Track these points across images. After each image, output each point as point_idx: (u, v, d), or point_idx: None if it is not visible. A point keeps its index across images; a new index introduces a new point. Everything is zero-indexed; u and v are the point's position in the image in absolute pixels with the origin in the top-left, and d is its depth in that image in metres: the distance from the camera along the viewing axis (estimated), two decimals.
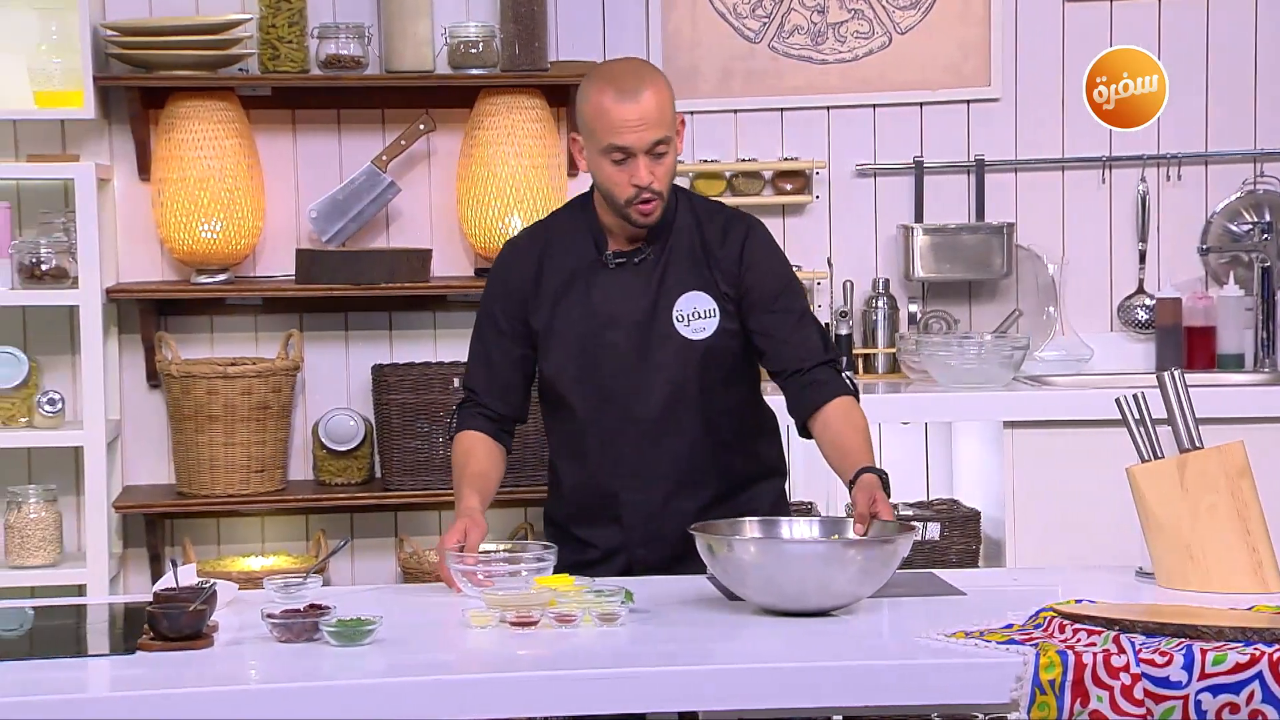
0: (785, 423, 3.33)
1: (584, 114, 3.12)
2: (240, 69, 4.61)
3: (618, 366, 3.18)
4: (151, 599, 2.69)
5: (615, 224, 3.19)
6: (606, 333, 3.18)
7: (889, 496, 2.95)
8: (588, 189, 3.28)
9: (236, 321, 4.77)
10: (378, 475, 4.71)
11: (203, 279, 4.61)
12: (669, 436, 3.19)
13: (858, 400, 3.19)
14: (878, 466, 3.00)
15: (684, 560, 3.09)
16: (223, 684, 2.46)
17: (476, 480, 3.20)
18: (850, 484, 2.99)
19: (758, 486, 3.29)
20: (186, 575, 2.80)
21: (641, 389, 3.18)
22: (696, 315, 3.18)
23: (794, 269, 3.33)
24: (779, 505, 3.33)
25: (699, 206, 3.26)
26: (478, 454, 3.25)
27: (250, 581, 3.87)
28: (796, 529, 2.99)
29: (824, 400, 3.14)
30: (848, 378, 3.21)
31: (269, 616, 2.66)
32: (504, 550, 3.12)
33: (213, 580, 2.77)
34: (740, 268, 3.19)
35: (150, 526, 4.61)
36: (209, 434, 4.51)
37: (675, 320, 3.17)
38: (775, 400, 3.34)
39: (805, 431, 3.20)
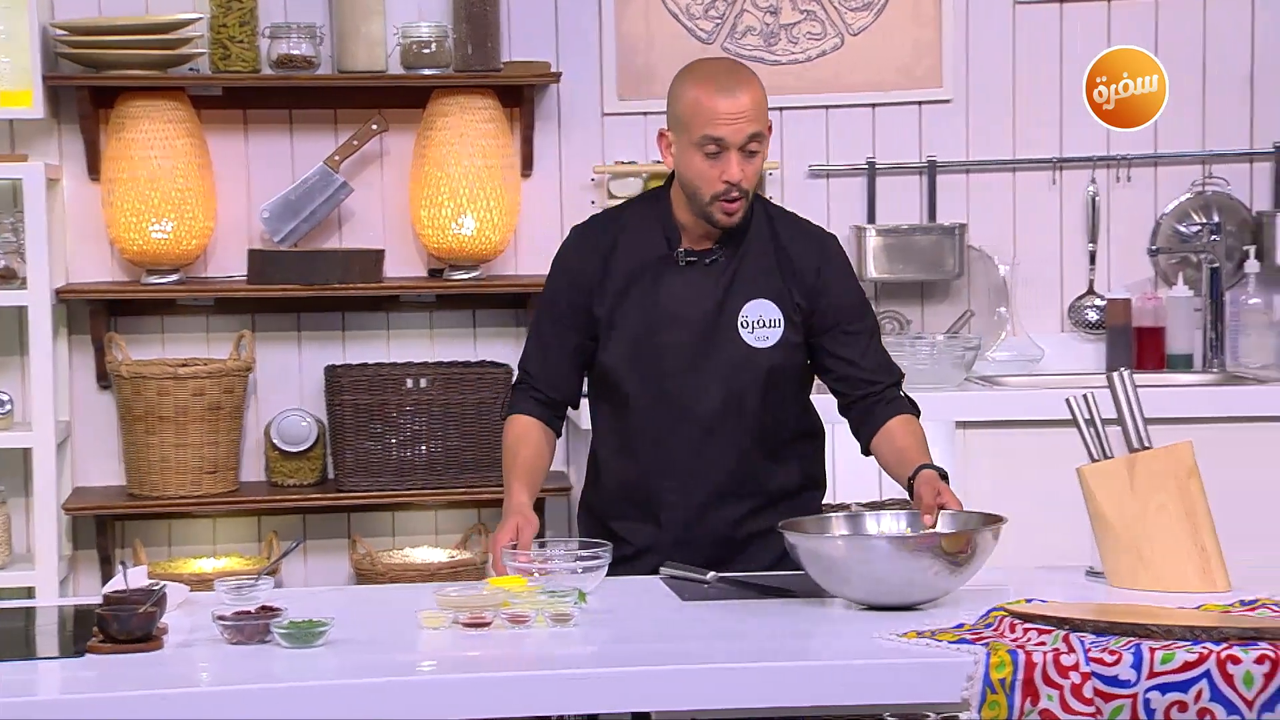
0: (829, 432, 3.38)
1: (679, 107, 3.09)
2: (191, 69, 4.59)
3: (677, 366, 3.16)
4: (101, 601, 2.67)
5: (691, 222, 3.16)
6: (669, 330, 3.16)
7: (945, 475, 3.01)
8: (663, 184, 3.25)
9: (188, 322, 4.74)
10: (331, 476, 4.70)
11: (153, 279, 4.59)
12: (719, 442, 3.17)
13: (918, 416, 3.22)
14: (935, 464, 3.05)
15: (723, 566, 3.09)
16: (173, 686, 2.44)
17: (525, 473, 3.17)
18: (910, 482, 3.02)
19: (799, 498, 3.26)
20: (137, 577, 2.78)
21: (698, 391, 3.16)
22: (762, 324, 3.16)
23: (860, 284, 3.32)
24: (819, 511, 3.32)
25: (776, 215, 3.25)
26: (529, 441, 3.22)
27: (202, 583, 3.85)
28: (885, 524, 3.02)
29: (889, 417, 3.17)
30: (907, 395, 3.24)
31: (220, 618, 2.65)
32: (561, 548, 3.06)
33: (163, 582, 2.76)
34: (818, 282, 3.18)
35: (100, 528, 4.58)
36: (160, 435, 4.49)
37: (740, 326, 3.15)
38: (818, 403, 3.35)
39: (867, 450, 3.24)
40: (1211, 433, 4.14)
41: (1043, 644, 2.50)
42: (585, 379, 3.30)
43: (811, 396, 3.33)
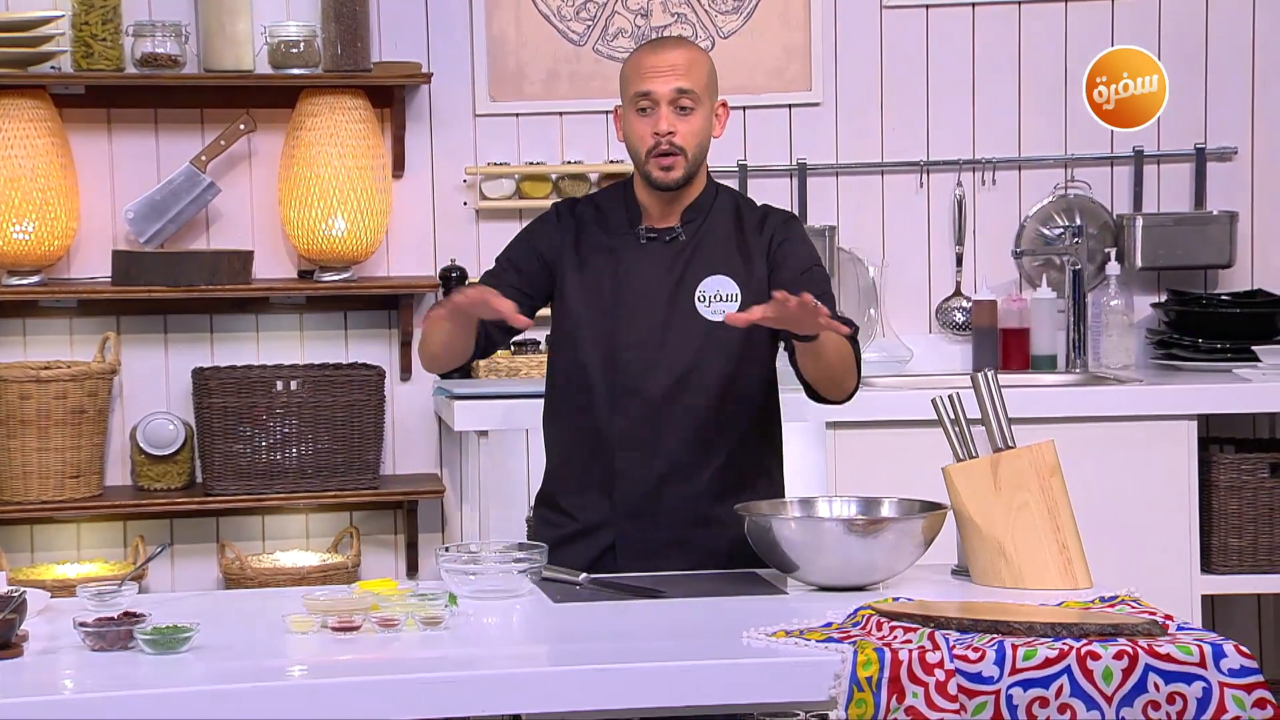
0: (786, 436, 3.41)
1: (622, 75, 3.23)
2: (52, 67, 4.51)
3: (634, 338, 3.22)
4: None
5: (651, 200, 3.26)
6: (628, 305, 3.23)
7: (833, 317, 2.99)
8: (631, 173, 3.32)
9: (50, 324, 4.66)
10: (199, 480, 4.64)
11: (14, 280, 4.51)
12: (675, 415, 3.21)
13: (857, 362, 3.20)
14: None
15: (680, 547, 3.15)
16: (33, 694, 2.40)
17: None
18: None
19: (758, 480, 3.28)
20: None
21: (654, 363, 3.21)
22: (719, 298, 3.22)
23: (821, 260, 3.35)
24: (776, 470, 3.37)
25: (743, 202, 3.35)
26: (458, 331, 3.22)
27: (65, 589, 3.79)
28: (836, 509, 3.11)
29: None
30: (855, 345, 3.20)
31: (81, 625, 2.61)
32: (497, 550, 3.04)
33: (22, 588, 2.71)
34: (777, 253, 3.25)
35: None
36: (21, 439, 4.41)
37: (697, 300, 3.22)
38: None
39: (800, 372, 3.22)
40: (1074, 432, 4.21)
41: (908, 642, 2.53)
42: (505, 340, 3.32)
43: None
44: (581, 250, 3.28)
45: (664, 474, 3.22)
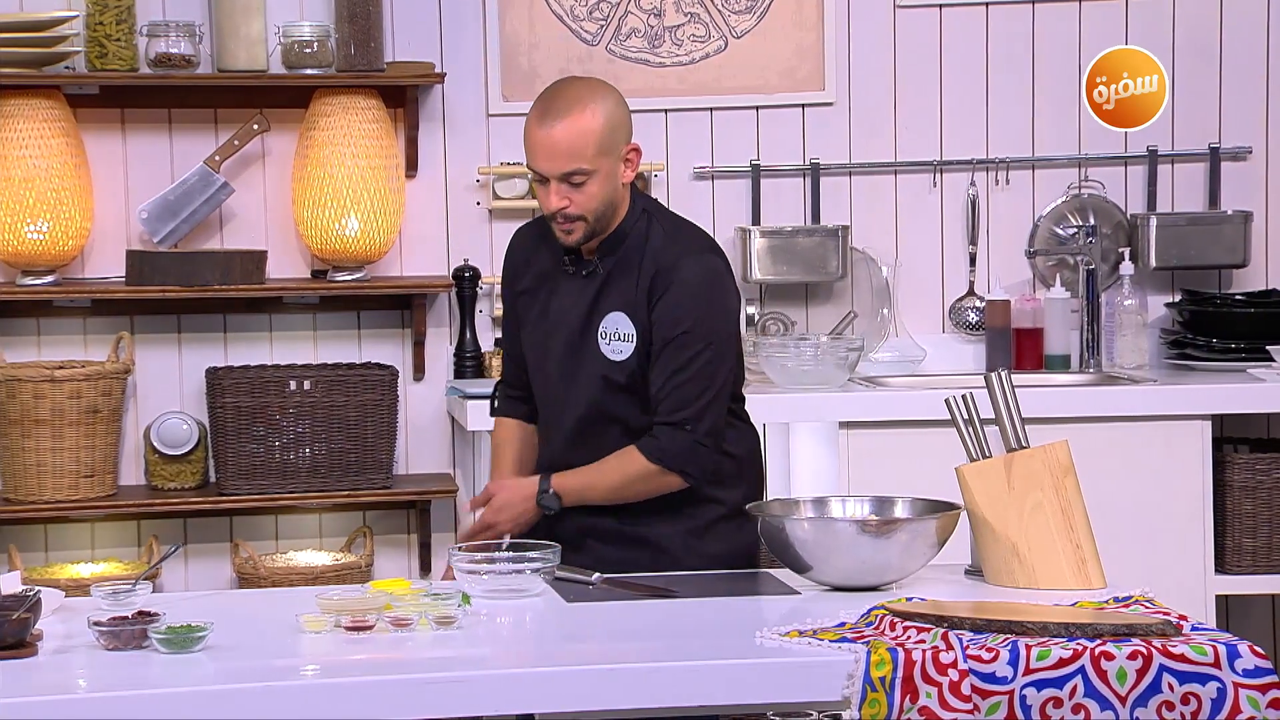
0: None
1: (524, 126, 3.18)
2: (67, 67, 4.52)
3: (554, 374, 3.24)
4: None
5: None
6: (552, 337, 3.24)
7: (548, 508, 3.17)
8: None
9: (64, 324, 4.67)
10: (212, 479, 4.64)
11: (29, 280, 4.52)
12: (586, 446, 3.21)
13: (663, 464, 3.13)
14: (551, 491, 3.18)
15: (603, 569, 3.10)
16: (48, 693, 2.41)
17: (510, 465, 3.35)
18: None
19: (699, 510, 3.22)
20: (10, 583, 2.74)
21: (566, 400, 3.22)
22: (618, 336, 3.18)
23: (707, 317, 3.17)
24: (724, 530, 3.27)
25: (666, 233, 3.20)
26: (513, 440, 3.38)
27: (80, 589, 3.79)
28: (849, 509, 3.12)
29: (636, 447, 3.14)
30: (685, 436, 3.14)
31: (96, 624, 2.61)
32: (508, 550, 3.05)
33: (37, 588, 2.71)
34: (657, 298, 3.15)
35: None
36: (36, 439, 4.41)
37: (599, 336, 3.19)
38: None
39: None
40: (1087, 432, 4.21)
41: (922, 642, 2.53)
42: None
43: None
44: (528, 280, 3.30)
45: (578, 508, 3.18)
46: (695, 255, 3.19)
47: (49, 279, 4.53)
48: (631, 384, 3.18)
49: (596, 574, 3.03)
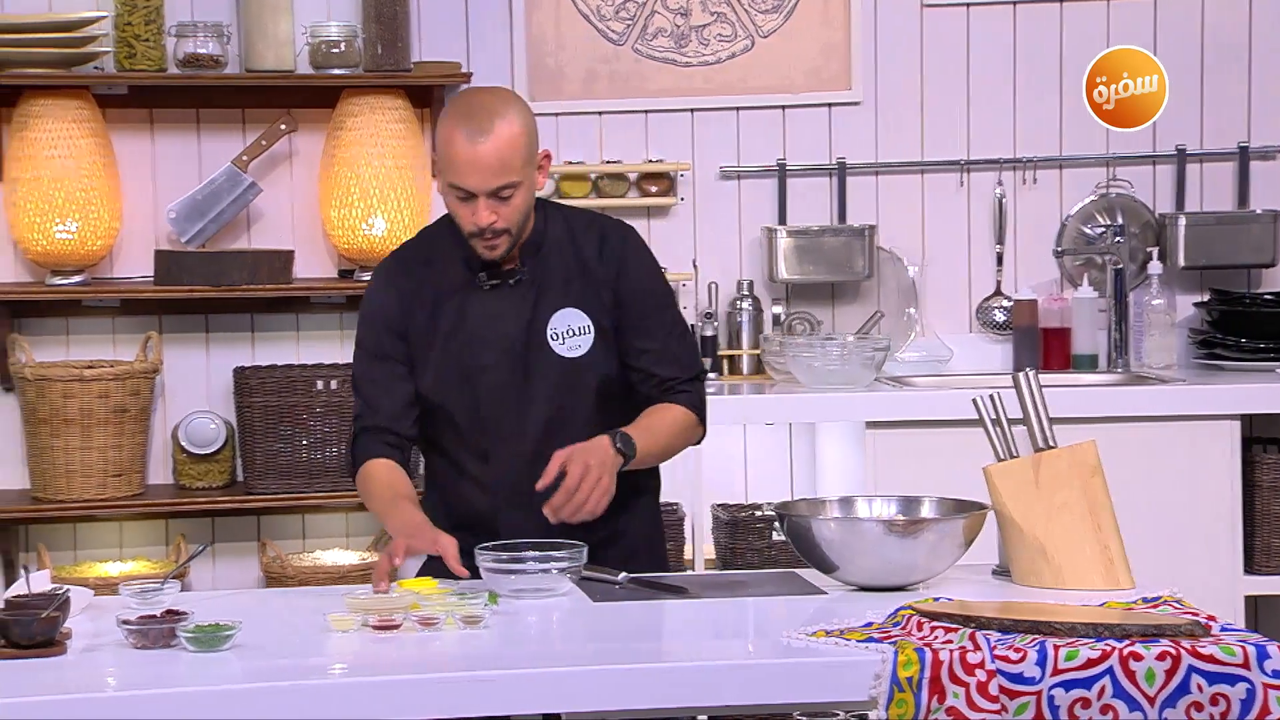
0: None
1: (436, 142, 3.05)
2: (95, 67, 4.54)
3: (495, 392, 3.10)
4: (3, 606, 2.63)
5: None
6: (482, 357, 3.10)
7: (625, 459, 3.00)
8: None
9: (93, 323, 4.69)
10: (239, 479, 4.66)
11: (58, 280, 4.53)
12: (548, 461, 3.08)
13: (700, 416, 3.17)
14: (631, 437, 3.03)
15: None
16: (76, 691, 2.42)
17: (411, 500, 3.07)
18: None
19: (636, 503, 3.20)
20: (39, 581, 2.75)
21: (520, 414, 3.10)
22: (571, 332, 3.11)
23: (665, 275, 3.27)
24: (655, 521, 3.29)
25: (573, 219, 3.18)
26: (402, 477, 3.12)
27: (108, 588, 3.81)
28: (876, 509, 3.10)
29: (672, 402, 3.14)
30: (699, 392, 3.17)
31: (124, 623, 2.62)
32: (534, 550, 2.98)
33: (66, 586, 2.72)
34: (621, 270, 3.13)
35: (4, 532, 4.52)
36: (65, 438, 4.43)
37: (550, 339, 3.10)
38: None
39: None
40: (1115, 432, 4.19)
41: (949, 642, 2.52)
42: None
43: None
44: (423, 307, 3.12)
45: (547, 520, 3.02)
46: (627, 228, 3.21)
47: (78, 279, 4.55)
48: (594, 378, 3.12)
49: (623, 574, 3.03)
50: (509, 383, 3.11)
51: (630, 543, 3.19)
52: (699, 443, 3.28)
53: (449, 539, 2.95)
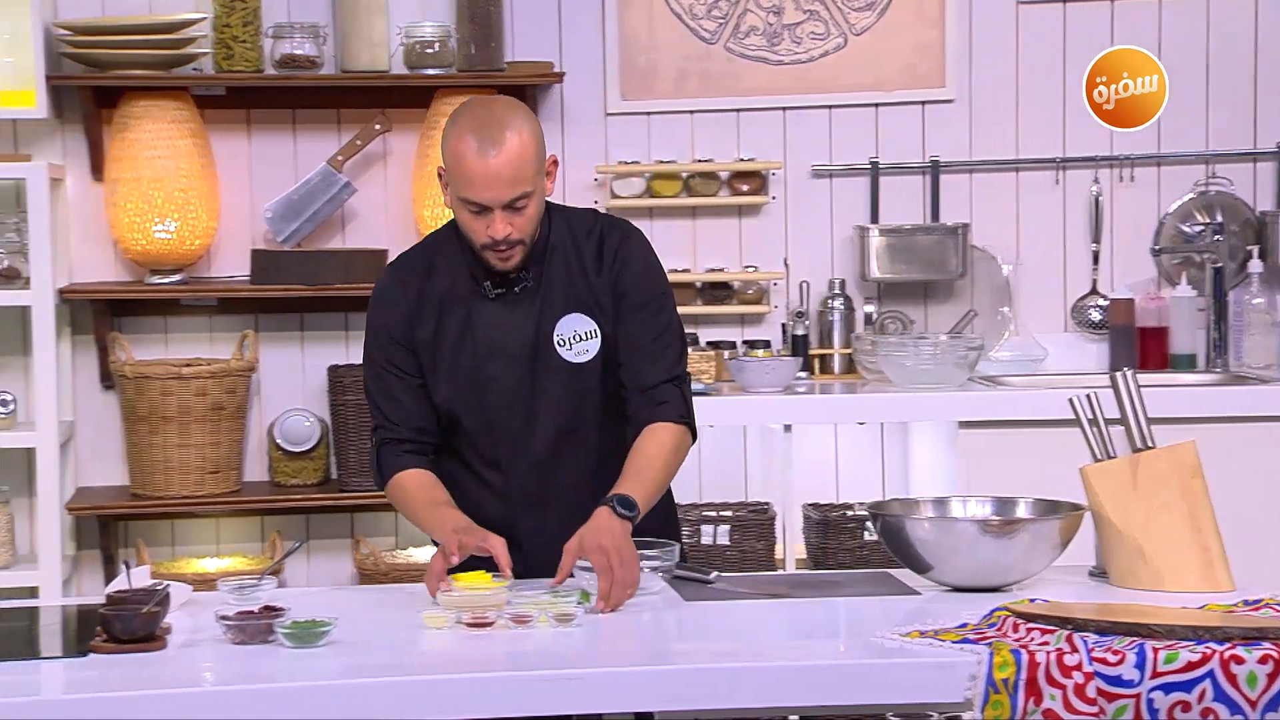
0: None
1: (445, 155, 2.98)
2: (194, 68, 4.59)
3: (505, 401, 3.07)
4: (105, 601, 2.67)
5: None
6: (490, 366, 3.06)
7: (632, 521, 2.89)
8: None
9: (191, 322, 4.74)
10: (334, 476, 4.70)
11: (156, 279, 4.59)
12: (563, 467, 3.08)
13: (687, 421, 3.08)
14: (629, 496, 2.91)
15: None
16: (176, 686, 2.45)
17: (450, 505, 3.05)
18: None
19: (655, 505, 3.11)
20: (140, 577, 2.78)
21: (531, 422, 3.07)
22: (578, 338, 3.07)
23: (665, 276, 3.17)
24: (668, 512, 3.22)
25: (574, 222, 3.12)
26: (436, 486, 3.10)
27: (205, 583, 3.85)
28: (970, 509, 3.08)
29: (650, 422, 3.05)
30: (683, 396, 3.10)
31: (223, 618, 2.65)
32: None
33: (166, 582, 2.76)
34: (616, 266, 3.08)
35: (104, 528, 4.58)
36: (163, 435, 4.49)
37: (557, 345, 3.06)
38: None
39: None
40: (1215, 432, 4.13)
41: (1046, 644, 2.50)
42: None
43: None
44: (428, 316, 3.08)
45: (565, 522, 2.98)
46: (629, 228, 3.15)
47: (176, 278, 4.60)
48: (602, 383, 3.08)
49: (715, 573, 3.03)
50: (518, 391, 3.07)
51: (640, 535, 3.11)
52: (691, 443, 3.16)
53: (498, 539, 2.93)
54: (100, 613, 2.62)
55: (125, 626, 2.58)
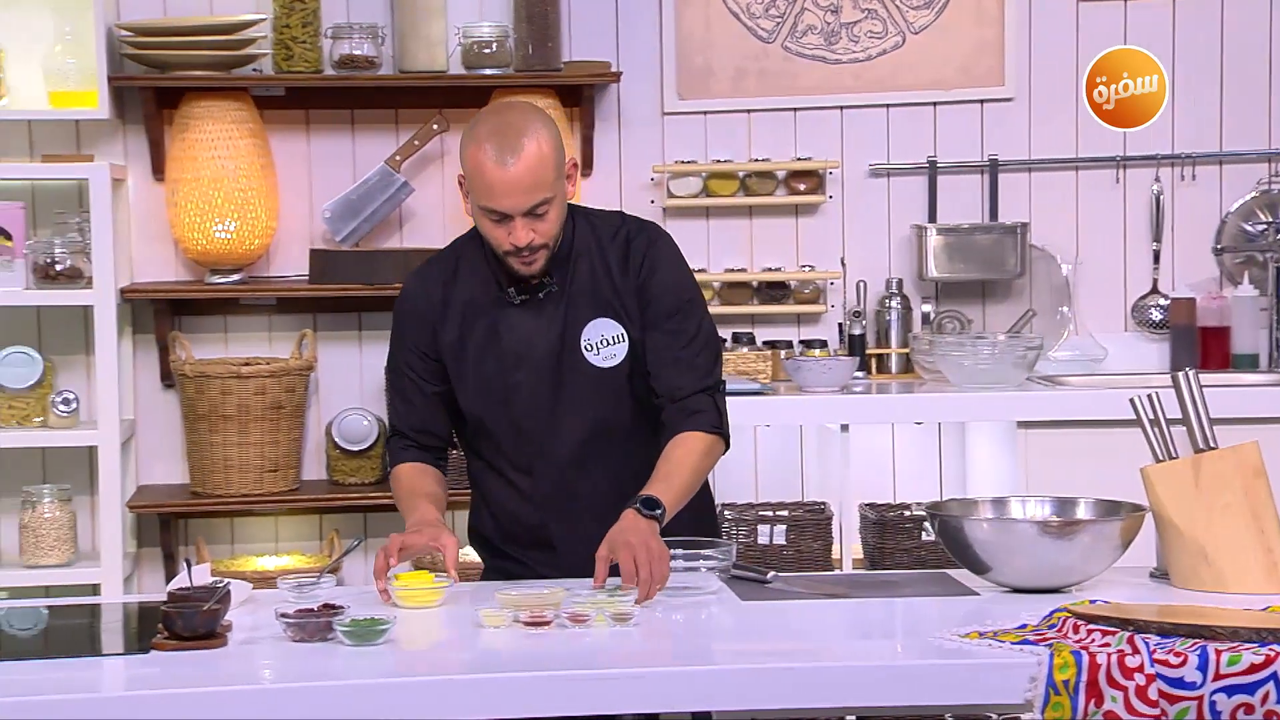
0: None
1: (464, 164, 2.98)
2: (254, 69, 4.62)
3: (531, 406, 3.07)
4: (166, 598, 2.69)
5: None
6: (516, 373, 3.06)
7: (658, 520, 2.89)
8: None
9: (250, 321, 4.77)
10: None
11: (216, 279, 4.62)
12: (591, 471, 3.08)
13: (720, 431, 3.07)
14: (653, 496, 2.92)
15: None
16: (236, 683, 2.46)
17: (431, 498, 3.10)
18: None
19: (690, 506, 3.11)
20: (201, 575, 2.80)
21: (558, 427, 3.07)
22: (605, 342, 3.06)
23: (695, 280, 3.15)
24: (703, 509, 3.21)
25: (599, 225, 3.11)
26: (424, 477, 3.16)
27: (263, 581, 3.87)
28: (1030, 509, 3.06)
29: (681, 431, 3.04)
30: (715, 405, 3.08)
31: (283, 616, 2.66)
32: (679, 548, 2.96)
33: (227, 580, 2.77)
34: (643, 270, 3.07)
35: (164, 526, 4.62)
36: (223, 434, 4.52)
37: (584, 350, 3.05)
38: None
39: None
40: (1278, 433, 4.09)
41: (1106, 645, 2.48)
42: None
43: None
44: (452, 321, 3.10)
45: (597, 524, 2.97)
46: (655, 230, 3.14)
47: (235, 277, 4.63)
48: (631, 388, 3.07)
49: (772, 573, 3.02)
50: (544, 396, 3.07)
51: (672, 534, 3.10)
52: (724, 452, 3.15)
53: (451, 539, 2.96)
54: (162, 610, 2.64)
55: (187, 624, 2.60)
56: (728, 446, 3.12)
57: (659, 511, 2.92)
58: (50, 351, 4.63)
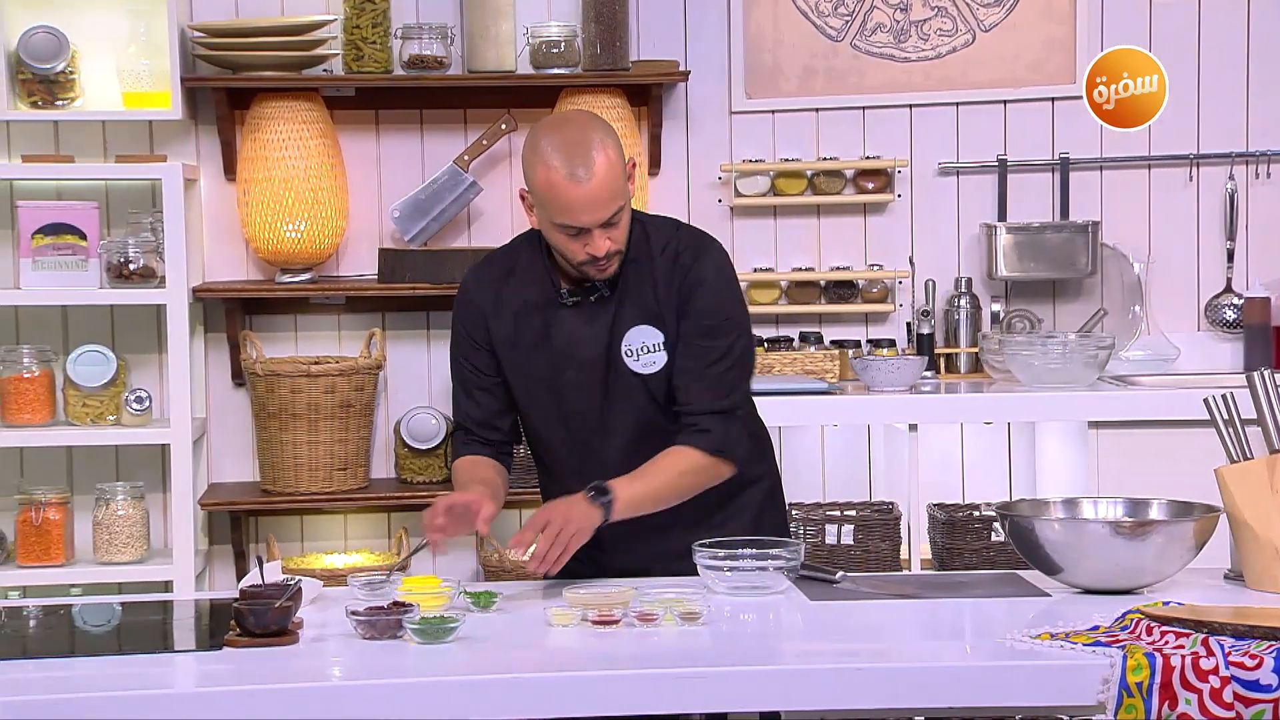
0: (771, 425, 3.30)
1: (534, 181, 2.99)
2: (324, 70, 4.65)
3: (580, 408, 3.10)
4: (238, 595, 2.71)
5: (569, 266, 3.07)
6: (566, 373, 3.09)
7: (603, 507, 2.93)
8: None
9: (320, 320, 4.80)
10: None
11: (287, 278, 4.65)
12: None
13: (723, 454, 3.07)
14: (607, 485, 2.96)
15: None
16: (307, 680, 2.48)
17: (484, 483, 3.11)
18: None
19: (744, 495, 3.17)
20: (272, 572, 2.82)
21: (605, 430, 3.10)
22: (645, 350, 3.07)
23: (740, 297, 3.14)
24: (766, 508, 3.21)
25: (653, 233, 3.12)
26: (482, 466, 3.17)
27: (333, 579, 3.89)
28: (1102, 510, 3.05)
29: (684, 444, 3.05)
30: (724, 426, 3.07)
31: (353, 614, 2.68)
32: (750, 548, 2.98)
33: (298, 577, 2.79)
34: (688, 280, 3.07)
35: (235, 524, 4.65)
36: (293, 432, 4.55)
37: (625, 356, 3.07)
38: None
39: None
40: None
41: (1180, 647, 2.46)
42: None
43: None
44: (505, 319, 3.12)
45: (644, 524, 3.02)
46: (706, 244, 3.13)
47: (305, 277, 4.66)
48: (670, 393, 3.08)
49: (841, 572, 3.01)
50: (591, 398, 3.09)
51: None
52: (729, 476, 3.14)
53: (488, 500, 2.97)
54: (234, 607, 2.66)
55: (259, 621, 2.62)
56: (738, 468, 3.10)
57: (606, 499, 2.96)
58: (123, 350, 4.67)
